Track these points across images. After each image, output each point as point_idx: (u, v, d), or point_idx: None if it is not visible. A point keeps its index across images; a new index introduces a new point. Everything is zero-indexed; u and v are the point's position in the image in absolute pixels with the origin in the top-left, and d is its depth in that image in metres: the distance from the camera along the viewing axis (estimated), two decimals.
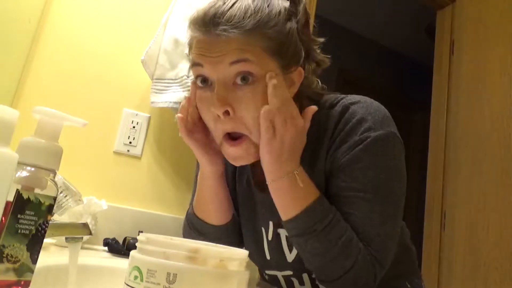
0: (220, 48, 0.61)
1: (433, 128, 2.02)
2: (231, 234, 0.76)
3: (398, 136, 0.67)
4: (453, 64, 1.99)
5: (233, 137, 0.64)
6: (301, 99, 0.70)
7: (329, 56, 0.73)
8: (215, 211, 0.74)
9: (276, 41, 0.63)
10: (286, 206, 0.64)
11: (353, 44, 3.28)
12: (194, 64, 0.64)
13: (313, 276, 0.69)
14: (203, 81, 0.64)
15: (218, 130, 0.64)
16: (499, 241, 1.59)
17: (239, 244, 0.79)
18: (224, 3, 0.62)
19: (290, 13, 0.65)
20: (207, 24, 0.61)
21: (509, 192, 1.61)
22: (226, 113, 0.61)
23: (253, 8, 0.61)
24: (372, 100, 0.69)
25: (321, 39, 0.72)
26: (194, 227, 0.75)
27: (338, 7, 2.89)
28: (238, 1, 0.62)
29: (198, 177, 0.74)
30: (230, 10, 0.60)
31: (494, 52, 1.81)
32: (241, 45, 0.60)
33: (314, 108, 0.65)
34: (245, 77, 0.61)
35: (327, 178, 0.68)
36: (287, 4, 0.66)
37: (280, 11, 0.64)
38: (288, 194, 0.63)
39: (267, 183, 0.65)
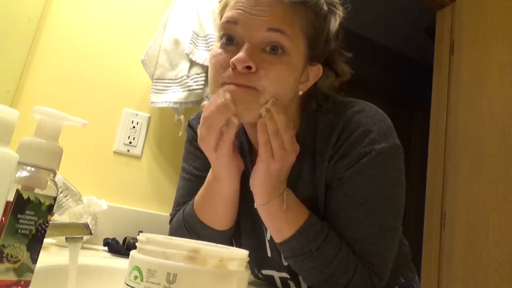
0: (263, 8, 0.59)
1: (433, 128, 2.01)
2: (231, 237, 0.76)
3: (401, 147, 0.67)
4: (453, 64, 1.99)
5: None
6: (310, 100, 0.69)
7: (352, 71, 0.71)
8: (224, 217, 0.72)
9: (314, 28, 0.63)
10: (278, 228, 0.64)
11: (353, 44, 3.27)
12: (227, 21, 0.61)
13: None
14: (228, 39, 0.62)
15: (222, 78, 0.60)
16: (499, 241, 1.59)
17: (231, 245, 0.78)
18: None
19: (326, 12, 0.66)
20: None
21: (509, 192, 1.61)
22: (248, 67, 0.58)
23: None
24: (376, 108, 0.69)
25: (349, 54, 0.71)
26: (194, 232, 0.72)
27: None
28: None
29: (211, 182, 0.70)
30: None
31: (494, 52, 1.81)
32: (285, 14, 0.60)
33: (284, 123, 0.62)
34: (275, 48, 0.60)
35: (327, 187, 0.67)
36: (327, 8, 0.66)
37: (323, 7, 0.65)
38: (279, 216, 0.63)
39: (255, 206, 0.65)
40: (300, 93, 0.66)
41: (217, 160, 0.65)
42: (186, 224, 0.73)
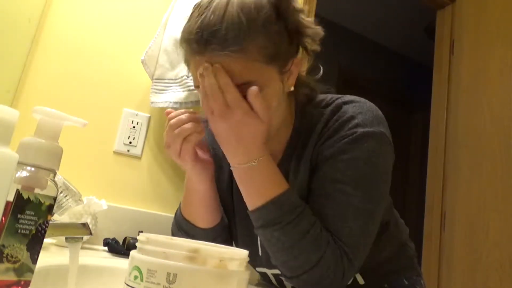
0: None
1: (433, 128, 2.02)
2: (218, 237, 0.76)
3: (388, 137, 0.66)
4: (453, 64, 1.99)
5: None
6: (297, 93, 0.71)
7: (320, 27, 0.67)
8: (202, 215, 0.74)
9: (271, 46, 0.61)
10: (251, 195, 0.63)
11: (353, 44, 3.28)
12: (194, 84, 0.65)
13: None
14: None
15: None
16: (499, 242, 1.59)
17: (225, 243, 0.78)
18: (213, 14, 0.58)
19: (275, 4, 0.62)
20: (201, 47, 0.59)
21: (509, 192, 1.61)
22: None
23: (244, 19, 0.58)
24: (366, 100, 0.70)
25: (309, 19, 0.67)
26: (182, 229, 0.76)
27: (338, 7, 2.89)
28: (227, 12, 0.58)
29: (185, 181, 0.74)
30: (222, 25, 0.57)
31: (494, 52, 1.81)
32: (240, 65, 0.59)
33: (254, 89, 0.59)
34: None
35: (311, 171, 0.67)
36: None
37: (267, 19, 0.60)
38: (252, 182, 0.62)
39: (231, 168, 0.64)
40: (292, 88, 0.69)
41: (182, 165, 0.69)
42: (176, 221, 0.78)
